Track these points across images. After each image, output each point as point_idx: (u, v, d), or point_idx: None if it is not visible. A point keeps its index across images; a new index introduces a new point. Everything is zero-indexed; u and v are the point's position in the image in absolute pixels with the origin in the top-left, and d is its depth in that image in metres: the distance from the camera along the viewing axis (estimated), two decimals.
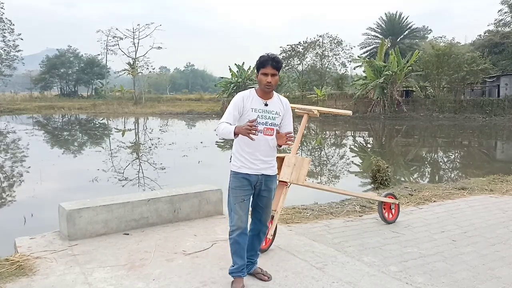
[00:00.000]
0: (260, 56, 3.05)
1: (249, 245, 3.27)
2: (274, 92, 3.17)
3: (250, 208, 3.24)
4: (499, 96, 34.26)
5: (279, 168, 4.07)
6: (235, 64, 44.70)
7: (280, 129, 3.20)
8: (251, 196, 3.18)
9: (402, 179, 10.46)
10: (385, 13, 56.64)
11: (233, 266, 3.17)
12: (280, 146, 3.12)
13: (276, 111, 3.12)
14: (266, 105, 3.09)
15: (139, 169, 11.67)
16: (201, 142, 16.69)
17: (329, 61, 46.82)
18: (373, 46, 53.07)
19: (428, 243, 4.37)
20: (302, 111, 4.37)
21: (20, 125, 27.92)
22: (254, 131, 2.76)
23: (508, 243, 4.41)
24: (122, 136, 22.28)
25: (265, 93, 3.09)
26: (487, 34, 45.08)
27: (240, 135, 2.82)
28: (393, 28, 54.53)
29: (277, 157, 4.14)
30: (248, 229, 3.27)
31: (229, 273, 3.20)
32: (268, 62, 2.99)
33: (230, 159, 3.22)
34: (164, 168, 11.36)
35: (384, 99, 33.73)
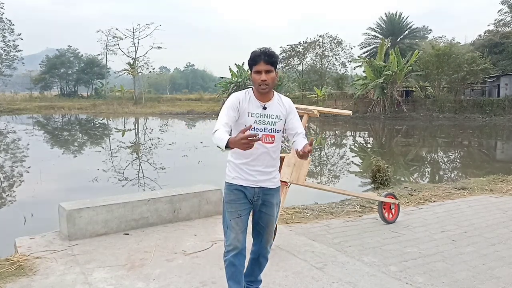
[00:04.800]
0: (251, 52, 2.61)
1: (247, 269, 2.90)
2: (274, 92, 2.73)
3: (251, 226, 2.84)
4: (499, 96, 34.27)
5: (279, 168, 4.07)
6: (235, 64, 44.75)
7: (287, 133, 2.82)
8: (251, 212, 2.77)
9: (402, 179, 10.46)
10: (385, 13, 56.62)
11: None
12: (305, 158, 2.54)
13: (277, 115, 2.67)
14: (264, 108, 2.64)
15: (139, 169, 11.67)
16: (201, 142, 16.67)
17: (329, 61, 46.89)
18: (373, 46, 53.05)
19: (428, 243, 4.37)
20: (302, 111, 4.37)
21: (20, 125, 27.92)
22: (253, 143, 2.24)
23: (508, 243, 4.41)
24: (122, 136, 22.28)
25: (262, 95, 2.65)
26: (487, 34, 45.12)
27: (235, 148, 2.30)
28: (393, 28, 54.49)
29: None
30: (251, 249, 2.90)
31: None
32: (260, 58, 2.55)
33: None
34: (164, 168, 11.36)
35: (384, 99, 33.74)
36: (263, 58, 2.56)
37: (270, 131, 2.65)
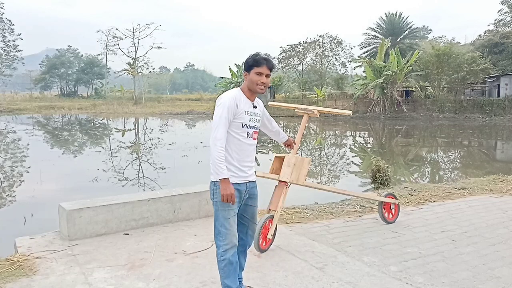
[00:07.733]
0: (253, 55, 2.86)
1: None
2: None
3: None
4: (499, 96, 34.25)
5: (279, 168, 4.07)
6: (235, 64, 44.71)
7: (267, 126, 3.29)
8: None
9: (402, 179, 10.46)
10: (385, 13, 56.63)
11: None
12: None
13: (259, 113, 2.99)
14: (255, 107, 2.91)
15: (139, 169, 11.67)
16: (201, 142, 16.67)
17: (329, 61, 46.99)
18: (373, 46, 53.05)
19: (428, 243, 4.37)
20: (302, 111, 4.37)
21: (20, 125, 27.92)
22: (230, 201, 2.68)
23: (508, 243, 4.41)
24: (122, 136, 22.28)
25: (252, 94, 2.88)
26: (487, 34, 45.15)
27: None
28: (393, 28, 54.50)
29: (277, 157, 4.16)
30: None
31: None
32: (263, 62, 2.81)
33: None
34: (164, 168, 11.36)
35: (384, 99, 33.73)
36: (266, 63, 2.82)
37: (256, 128, 2.96)
